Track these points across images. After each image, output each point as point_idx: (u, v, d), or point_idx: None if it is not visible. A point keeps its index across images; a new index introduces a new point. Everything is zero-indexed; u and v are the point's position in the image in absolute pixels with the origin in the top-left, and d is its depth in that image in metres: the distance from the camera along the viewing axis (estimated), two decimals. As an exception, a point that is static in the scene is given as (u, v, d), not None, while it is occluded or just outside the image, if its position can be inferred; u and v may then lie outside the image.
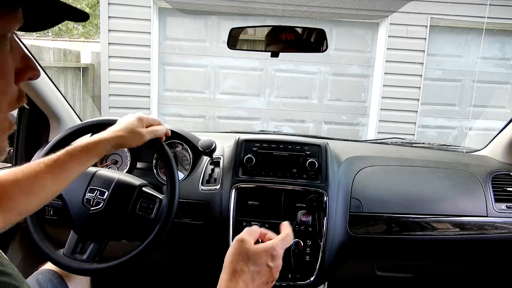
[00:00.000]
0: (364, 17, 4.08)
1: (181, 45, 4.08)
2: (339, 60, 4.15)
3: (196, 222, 1.12)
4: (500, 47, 4.18)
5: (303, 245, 1.05)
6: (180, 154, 1.25)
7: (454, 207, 1.17)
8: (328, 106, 4.22)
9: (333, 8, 3.97)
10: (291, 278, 1.04)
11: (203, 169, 1.20)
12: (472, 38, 4.10)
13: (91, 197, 0.93)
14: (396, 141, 1.54)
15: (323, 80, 4.19)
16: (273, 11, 4.04)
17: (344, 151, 1.28)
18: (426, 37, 4.00)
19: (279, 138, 1.20)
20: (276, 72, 4.16)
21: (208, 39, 4.08)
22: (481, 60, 4.12)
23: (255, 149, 1.16)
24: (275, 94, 4.20)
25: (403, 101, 4.10)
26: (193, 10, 4.01)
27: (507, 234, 1.19)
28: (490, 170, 1.29)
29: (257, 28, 1.06)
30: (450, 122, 4.30)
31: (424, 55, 4.03)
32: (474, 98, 4.20)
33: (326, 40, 1.03)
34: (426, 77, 4.11)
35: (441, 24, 4.03)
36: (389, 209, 1.15)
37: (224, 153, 1.20)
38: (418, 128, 4.23)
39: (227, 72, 4.14)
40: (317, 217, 1.08)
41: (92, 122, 0.98)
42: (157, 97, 4.13)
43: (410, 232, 1.14)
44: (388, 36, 4.00)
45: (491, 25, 3.91)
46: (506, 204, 1.22)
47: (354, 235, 1.11)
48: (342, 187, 1.14)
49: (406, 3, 3.83)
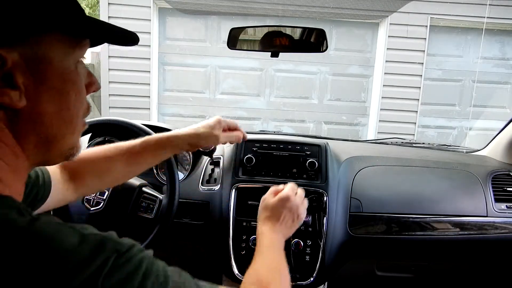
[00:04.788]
0: (364, 17, 4.08)
1: (181, 45, 4.08)
2: (339, 60, 4.15)
3: (196, 222, 1.12)
4: (500, 47, 4.17)
5: (303, 245, 1.05)
6: (180, 154, 1.26)
7: (454, 207, 1.17)
8: (328, 106, 4.22)
9: (333, 8, 3.97)
10: (291, 278, 1.03)
11: (203, 169, 1.20)
12: (472, 38, 4.10)
13: (91, 197, 0.93)
14: (396, 141, 1.54)
15: (323, 80, 4.19)
16: (273, 11, 4.04)
17: (344, 151, 1.28)
18: (426, 37, 4.00)
19: (279, 138, 1.20)
20: (276, 72, 4.16)
21: (208, 39, 4.08)
22: (481, 60, 4.12)
23: (255, 149, 1.16)
24: (275, 94, 4.20)
25: (403, 101, 4.10)
26: (193, 10, 4.01)
27: (507, 234, 1.19)
28: (490, 170, 1.29)
29: (257, 28, 1.06)
30: (450, 122, 4.30)
31: (424, 55, 4.03)
32: (474, 98, 4.19)
33: (326, 40, 1.03)
34: (426, 77, 4.11)
35: (441, 24, 4.03)
36: (389, 209, 1.15)
37: (224, 153, 1.20)
38: (418, 128, 4.23)
39: (227, 72, 4.14)
40: (317, 217, 1.08)
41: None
42: (157, 97, 4.13)
43: (410, 232, 1.14)
44: (388, 36, 4.00)
45: (491, 25, 3.91)
46: (506, 204, 1.22)
47: (354, 235, 1.11)
48: (342, 187, 1.14)
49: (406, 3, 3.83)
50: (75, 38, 0.44)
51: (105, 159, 0.80)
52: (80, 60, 0.47)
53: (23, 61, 0.40)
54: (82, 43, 0.46)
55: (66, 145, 0.48)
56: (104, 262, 0.35)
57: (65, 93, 0.44)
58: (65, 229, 0.37)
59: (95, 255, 0.35)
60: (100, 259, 0.35)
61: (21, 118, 0.42)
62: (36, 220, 0.36)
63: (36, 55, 0.41)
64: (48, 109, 0.43)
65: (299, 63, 4.14)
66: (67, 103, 0.45)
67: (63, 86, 0.44)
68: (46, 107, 0.43)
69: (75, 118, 0.47)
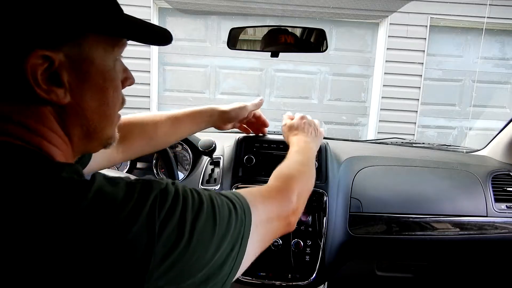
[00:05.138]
0: (364, 17, 4.08)
1: (181, 45, 4.08)
2: (339, 60, 4.15)
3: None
4: (500, 47, 4.17)
5: (303, 245, 1.05)
6: (180, 154, 1.26)
7: (454, 207, 1.17)
8: (328, 106, 4.22)
9: (333, 8, 3.97)
10: (291, 278, 1.04)
11: (203, 169, 1.20)
12: (472, 38, 4.10)
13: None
14: (396, 141, 1.54)
15: (323, 80, 4.19)
16: (272, 11, 4.04)
17: (344, 151, 1.28)
18: (426, 37, 4.00)
19: (279, 138, 1.20)
20: (276, 72, 4.16)
21: (208, 39, 4.08)
22: (481, 60, 4.12)
23: (255, 149, 1.16)
24: (275, 94, 4.20)
25: (403, 101, 4.10)
26: (193, 10, 4.01)
27: (507, 234, 1.19)
28: (490, 170, 1.29)
29: (257, 28, 1.06)
30: (450, 122, 4.30)
31: (424, 55, 4.03)
32: (474, 98, 4.19)
33: (326, 40, 1.03)
34: (426, 77, 4.11)
35: (441, 24, 4.03)
36: (389, 209, 1.15)
37: (224, 153, 1.20)
38: (418, 128, 4.23)
39: (227, 72, 4.14)
40: (317, 217, 1.08)
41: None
42: (157, 97, 4.13)
43: (410, 232, 1.14)
44: (388, 36, 4.00)
45: (491, 25, 3.91)
46: (506, 204, 1.22)
47: (354, 235, 1.11)
48: (342, 187, 1.14)
49: (406, 3, 3.83)
50: (114, 38, 0.48)
51: (153, 124, 0.88)
52: (118, 58, 0.51)
53: (68, 61, 0.44)
54: (121, 42, 0.49)
55: (105, 136, 0.53)
56: (155, 197, 0.42)
57: (104, 89, 0.48)
58: (119, 182, 0.43)
59: (147, 195, 0.42)
60: (151, 197, 0.42)
61: (67, 113, 0.46)
62: (94, 180, 0.41)
63: (80, 55, 0.44)
64: (90, 104, 0.47)
65: (299, 63, 4.14)
66: (106, 99, 0.49)
67: (103, 84, 0.48)
68: (88, 102, 0.47)
69: (112, 112, 0.52)
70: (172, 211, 0.43)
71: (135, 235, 0.39)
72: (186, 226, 0.43)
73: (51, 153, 0.46)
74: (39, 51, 0.41)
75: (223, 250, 0.48)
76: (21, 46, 0.40)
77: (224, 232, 0.48)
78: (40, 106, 0.44)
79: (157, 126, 0.89)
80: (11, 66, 0.41)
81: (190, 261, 0.43)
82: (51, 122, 0.45)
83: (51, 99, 0.43)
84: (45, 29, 0.41)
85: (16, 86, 0.42)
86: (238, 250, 0.51)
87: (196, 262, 0.44)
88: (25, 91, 0.42)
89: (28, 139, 0.44)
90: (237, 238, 0.51)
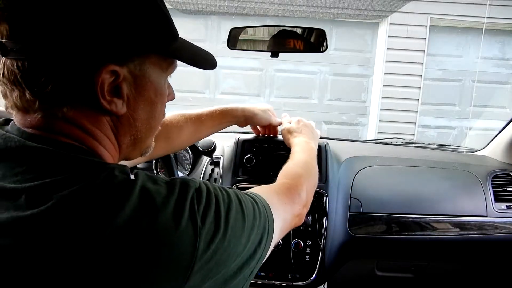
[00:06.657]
0: (364, 17, 4.08)
1: (181, 45, 4.07)
2: (339, 60, 4.15)
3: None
4: (500, 47, 4.17)
5: (303, 245, 1.05)
6: (180, 154, 1.26)
7: (454, 207, 1.18)
8: (328, 106, 4.22)
9: (333, 8, 3.97)
10: (291, 278, 1.04)
11: (203, 169, 1.20)
12: (472, 38, 4.10)
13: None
14: (396, 141, 1.54)
15: (323, 80, 4.19)
16: (272, 11, 4.04)
17: (344, 151, 1.28)
18: (426, 37, 4.00)
19: (279, 138, 1.20)
20: (276, 72, 4.16)
21: (208, 39, 4.08)
22: (481, 60, 4.12)
23: (255, 149, 1.16)
24: (275, 94, 4.20)
25: (403, 101, 4.10)
26: (193, 10, 4.01)
27: (507, 234, 1.19)
28: (490, 170, 1.29)
29: (257, 28, 1.06)
30: (450, 122, 4.30)
31: (424, 55, 4.03)
32: (474, 98, 4.19)
33: (326, 40, 1.03)
34: (426, 77, 4.11)
35: (441, 24, 4.03)
36: (389, 209, 1.15)
37: (224, 153, 1.20)
38: (418, 128, 4.23)
39: (227, 72, 4.14)
40: (317, 217, 1.08)
41: None
42: (157, 97, 4.13)
43: (410, 232, 1.14)
44: (388, 36, 4.00)
45: (491, 25, 3.91)
46: (506, 204, 1.22)
47: (354, 235, 1.11)
48: (342, 187, 1.14)
49: (406, 3, 3.83)
50: (170, 59, 0.54)
51: (177, 128, 0.92)
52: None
53: (130, 76, 0.49)
54: (175, 63, 0.56)
55: (146, 145, 0.59)
56: (193, 194, 0.47)
57: (154, 104, 0.54)
58: (158, 179, 0.47)
59: (186, 192, 0.47)
60: (190, 194, 0.47)
61: (120, 122, 0.51)
62: (138, 177, 0.46)
63: (140, 71, 0.50)
64: (141, 116, 0.53)
65: (299, 63, 4.14)
66: (154, 112, 0.55)
67: (154, 98, 0.54)
68: (140, 114, 0.53)
69: (157, 124, 0.58)
70: (208, 206, 0.47)
71: (184, 228, 0.43)
72: (221, 219, 0.48)
73: (104, 157, 0.50)
74: (110, 66, 0.46)
75: (252, 241, 0.53)
76: (96, 59, 0.45)
77: (252, 224, 0.53)
78: (101, 114, 0.49)
79: (181, 130, 0.93)
80: (83, 77, 0.45)
81: (226, 252, 0.47)
82: (107, 129, 0.50)
83: (111, 109, 0.48)
84: (118, 46, 0.46)
85: (84, 94, 0.46)
86: (266, 241, 0.56)
87: (231, 253, 0.48)
88: (90, 100, 0.46)
89: (86, 142, 0.48)
90: (264, 230, 0.56)
